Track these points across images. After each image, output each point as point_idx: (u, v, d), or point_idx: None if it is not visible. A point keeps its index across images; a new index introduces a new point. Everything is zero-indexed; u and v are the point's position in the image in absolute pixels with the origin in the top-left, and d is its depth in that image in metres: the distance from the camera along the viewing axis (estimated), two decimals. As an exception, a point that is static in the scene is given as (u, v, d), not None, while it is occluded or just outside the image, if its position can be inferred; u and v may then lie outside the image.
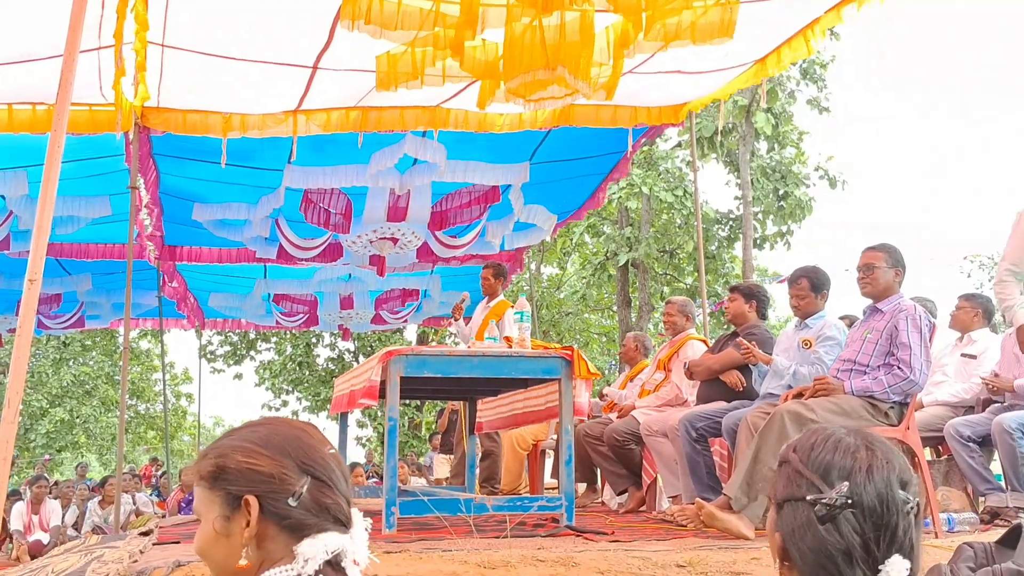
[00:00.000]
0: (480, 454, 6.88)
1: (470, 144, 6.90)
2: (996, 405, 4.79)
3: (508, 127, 6.59)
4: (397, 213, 7.89)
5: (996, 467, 4.75)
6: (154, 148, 6.60)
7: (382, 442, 20.17)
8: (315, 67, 5.58)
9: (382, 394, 4.08)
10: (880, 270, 4.17)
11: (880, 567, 1.24)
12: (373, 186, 7.31)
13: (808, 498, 1.28)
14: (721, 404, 4.81)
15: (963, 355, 5.37)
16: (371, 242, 8.15)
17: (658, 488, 5.56)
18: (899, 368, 3.97)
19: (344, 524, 1.33)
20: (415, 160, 7.03)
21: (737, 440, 4.17)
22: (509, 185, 7.67)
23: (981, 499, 4.59)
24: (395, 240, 8.26)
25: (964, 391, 5.18)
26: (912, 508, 1.28)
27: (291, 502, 1.30)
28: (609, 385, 7.06)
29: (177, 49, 5.26)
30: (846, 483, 1.27)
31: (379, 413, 18.61)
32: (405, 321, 12.26)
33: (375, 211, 7.76)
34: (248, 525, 1.30)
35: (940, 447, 5.24)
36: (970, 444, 4.59)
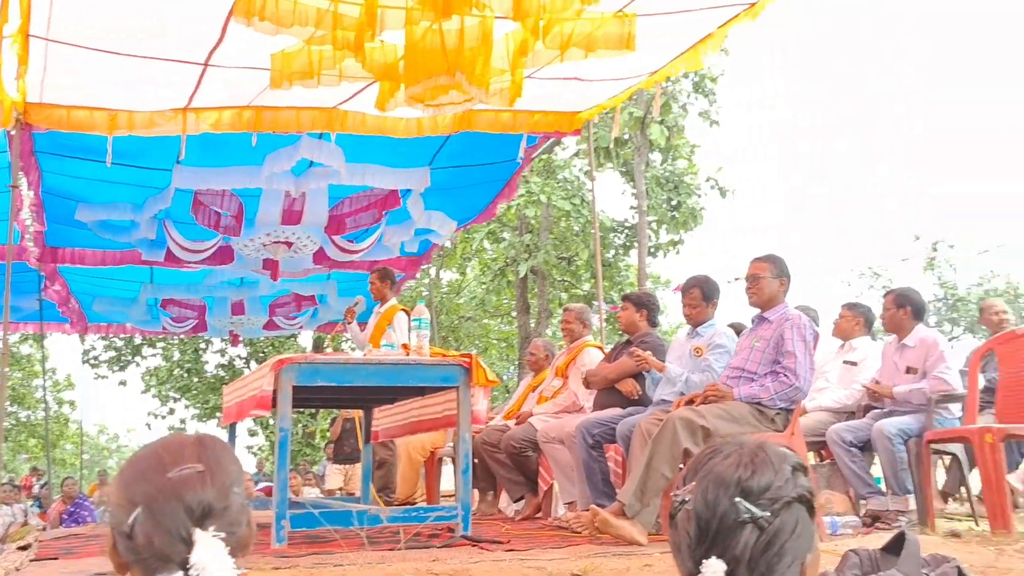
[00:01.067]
0: (374, 463, 6.78)
1: (369, 147, 6.80)
2: (876, 411, 4.98)
3: (407, 131, 6.53)
4: (292, 216, 7.73)
5: (877, 471, 4.94)
6: (37, 146, 6.29)
7: (274, 451, 19.81)
8: (206, 64, 5.40)
9: (275, 403, 3.96)
10: (765, 280, 4.29)
11: (700, 566, 1.26)
12: (267, 188, 7.13)
13: (672, 493, 1.37)
14: (616, 411, 4.87)
15: (845, 362, 5.57)
16: (264, 246, 7.96)
17: (554, 495, 5.58)
18: (785, 375, 4.09)
19: (173, 563, 1.16)
20: (311, 162, 6.89)
21: (631, 446, 4.22)
22: (409, 191, 7.60)
23: (863, 502, 4.76)
24: (289, 244, 8.09)
25: (846, 397, 5.37)
26: (749, 519, 1.26)
27: (127, 537, 1.17)
28: (509, 392, 7.07)
29: (62, 43, 5.02)
30: (693, 482, 1.32)
31: (271, 421, 18.19)
32: (300, 327, 12.02)
33: (269, 214, 7.57)
34: None
35: (823, 452, 5.41)
36: (852, 449, 4.76)
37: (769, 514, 1.26)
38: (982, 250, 18.83)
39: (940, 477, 5.75)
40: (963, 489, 5.35)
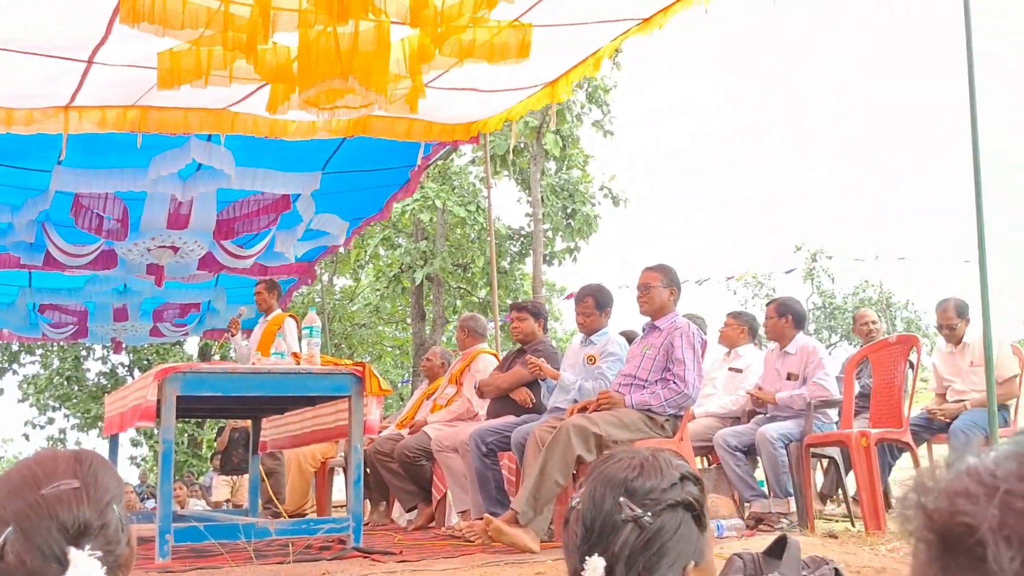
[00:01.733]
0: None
1: (260, 150, 6.64)
2: (760, 416, 5.15)
3: (300, 133, 6.41)
4: (178, 221, 7.49)
5: (761, 474, 5.11)
6: (-93, 143, 5.93)
7: (158, 461, 19.15)
8: (90, 61, 5.18)
9: (159, 414, 3.82)
10: (656, 290, 4.39)
11: (583, 563, 1.29)
12: (152, 192, 6.89)
13: (571, 496, 1.40)
14: (511, 418, 4.89)
15: (731, 369, 5.75)
16: (149, 250, 7.68)
17: (448, 504, 5.56)
18: (674, 383, 4.19)
19: None
20: (199, 165, 6.70)
21: (525, 454, 4.25)
22: (299, 194, 7.47)
23: (747, 505, 4.92)
24: (176, 249, 7.83)
25: (731, 403, 5.54)
26: (631, 518, 1.29)
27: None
28: (403, 400, 7.02)
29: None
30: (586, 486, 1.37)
31: (155, 431, 17.55)
32: (186, 334, 11.66)
33: (154, 218, 7.32)
34: None
35: (710, 456, 5.57)
36: (737, 453, 4.91)
37: (650, 514, 1.30)
38: (856, 258, 19.70)
39: (819, 480, 5.99)
40: (840, 491, 5.58)
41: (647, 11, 5.16)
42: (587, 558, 1.28)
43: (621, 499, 1.30)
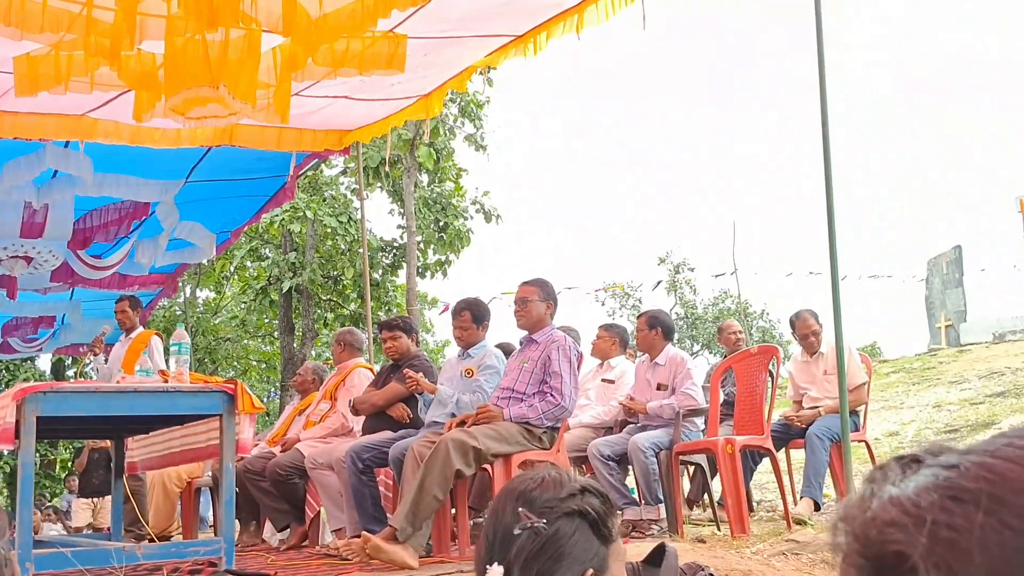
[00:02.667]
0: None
1: (121, 157, 6.37)
2: (631, 426, 5.30)
3: (164, 141, 6.18)
4: (33, 229, 7.09)
5: (633, 482, 5.25)
6: None
7: (8, 483, 17.86)
8: (-64, 62, 4.87)
9: (18, 435, 3.61)
10: (532, 304, 4.47)
11: (484, 573, 1.35)
12: (5, 199, 6.51)
13: None
14: (388, 434, 4.85)
15: (603, 380, 5.89)
16: (0, 261, 7.25)
17: (321, 522, 5.47)
18: (552, 395, 4.26)
19: None
20: (55, 172, 6.37)
21: (404, 470, 4.23)
22: (159, 201, 7.20)
23: (619, 512, 5.05)
24: (29, 259, 7.42)
25: (604, 413, 5.68)
26: (527, 525, 1.33)
27: None
28: (270, 416, 6.86)
29: None
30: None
31: (5, 452, 16.52)
32: (39, 349, 11.03)
33: (6, 225, 6.92)
34: None
35: (584, 466, 5.68)
36: (609, 462, 5.04)
37: (545, 521, 1.34)
38: (717, 274, 20.65)
39: (687, 486, 6.21)
40: (706, 496, 5.80)
41: (520, 29, 5.26)
42: (487, 567, 1.31)
43: (520, 509, 1.35)
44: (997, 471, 0.41)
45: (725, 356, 6.80)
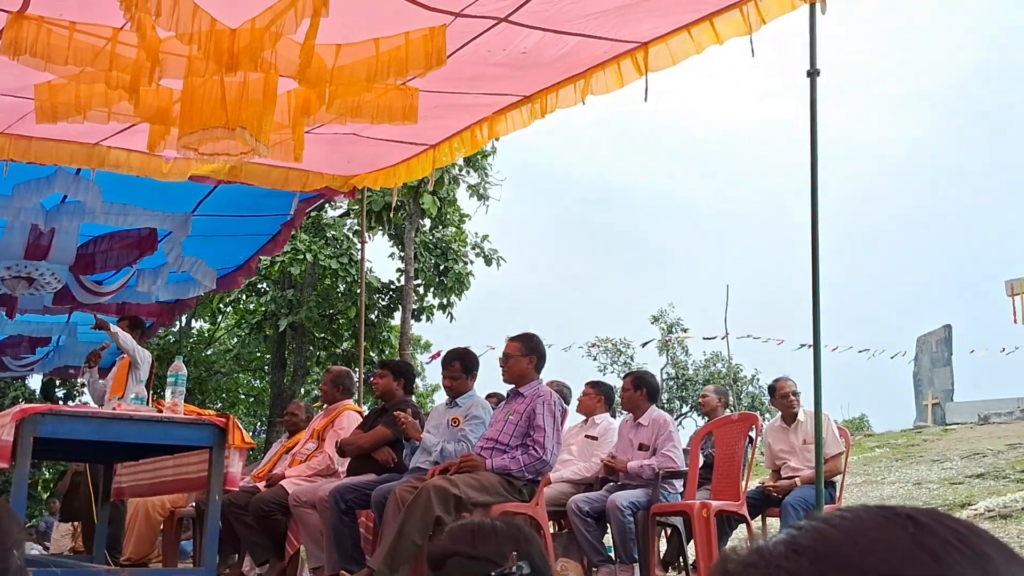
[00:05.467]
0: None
1: (130, 187, 6.52)
2: (611, 483, 5.37)
3: (174, 175, 6.33)
4: (38, 251, 7.23)
5: (610, 539, 5.31)
6: None
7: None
8: (-40, 85, 5.03)
9: (15, 455, 3.69)
10: (515, 359, 4.59)
11: None
12: (13, 220, 6.65)
13: None
14: (371, 476, 4.93)
15: (586, 436, 5.97)
16: (3, 280, 7.36)
17: (300, 559, 5.51)
18: (534, 449, 4.36)
19: None
20: (64, 197, 6.52)
21: (385, 513, 4.30)
22: (168, 232, 7.35)
23: (594, 570, 5.10)
24: (31, 280, 7.53)
25: (585, 469, 5.75)
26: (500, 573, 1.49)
27: None
28: (256, 451, 6.90)
29: None
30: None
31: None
32: (31, 369, 11.09)
33: (12, 246, 7.05)
34: None
35: (563, 520, 5.74)
36: (588, 519, 5.10)
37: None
38: (708, 336, 20.83)
39: (663, 546, 6.25)
40: (680, 559, 5.85)
41: (529, 90, 5.45)
42: None
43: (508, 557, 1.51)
44: (823, 533, 0.55)
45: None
